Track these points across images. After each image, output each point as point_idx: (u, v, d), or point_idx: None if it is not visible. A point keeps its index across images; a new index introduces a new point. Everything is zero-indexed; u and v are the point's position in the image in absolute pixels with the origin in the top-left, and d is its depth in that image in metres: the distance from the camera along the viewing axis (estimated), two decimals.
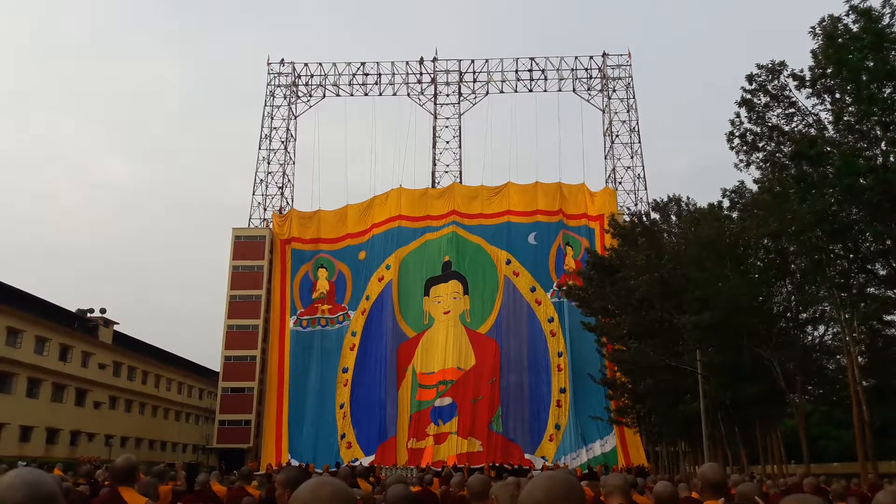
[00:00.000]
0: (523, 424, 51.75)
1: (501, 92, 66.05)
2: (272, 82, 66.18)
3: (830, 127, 19.67)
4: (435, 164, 64.45)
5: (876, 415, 25.64)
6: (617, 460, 47.04)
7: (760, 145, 21.10)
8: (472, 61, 65.81)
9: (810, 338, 29.40)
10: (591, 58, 65.26)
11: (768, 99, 20.69)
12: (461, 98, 65.79)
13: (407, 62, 65.97)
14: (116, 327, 60.88)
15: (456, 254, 57.09)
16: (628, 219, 41.40)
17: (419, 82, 66.19)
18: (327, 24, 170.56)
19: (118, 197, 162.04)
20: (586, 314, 39.38)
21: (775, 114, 20.72)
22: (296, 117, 66.74)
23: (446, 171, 63.90)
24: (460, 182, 62.13)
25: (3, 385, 45.52)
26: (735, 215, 28.49)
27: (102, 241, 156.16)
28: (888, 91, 18.00)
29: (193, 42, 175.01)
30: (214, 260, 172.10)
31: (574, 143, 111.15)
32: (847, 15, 18.42)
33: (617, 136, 62.83)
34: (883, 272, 21.73)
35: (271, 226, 60.81)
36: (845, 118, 18.77)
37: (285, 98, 66.31)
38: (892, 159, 18.14)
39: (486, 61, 65.48)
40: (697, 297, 26.28)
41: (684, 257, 28.50)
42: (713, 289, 26.02)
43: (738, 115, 21.13)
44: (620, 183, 61.17)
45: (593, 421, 45.30)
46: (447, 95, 65.94)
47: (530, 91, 65.87)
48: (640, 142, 62.52)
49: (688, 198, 33.37)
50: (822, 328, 28.71)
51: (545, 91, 65.77)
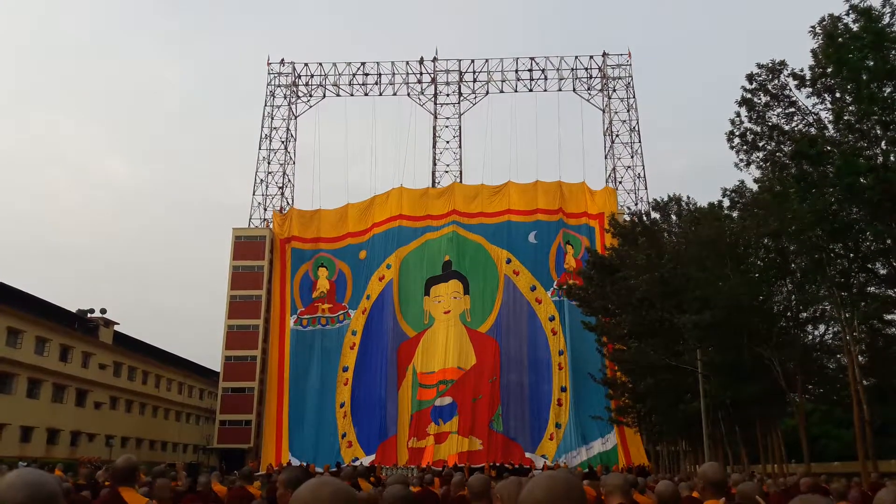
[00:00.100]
0: (524, 423, 51.74)
1: (501, 92, 66.08)
2: (272, 82, 66.21)
3: (830, 126, 19.68)
4: (435, 163, 64.48)
5: (876, 414, 25.65)
6: (617, 459, 47.02)
7: (761, 145, 21.10)
8: (472, 61, 65.86)
9: (811, 337, 29.44)
10: (591, 57, 65.27)
11: (768, 98, 20.69)
12: (461, 98, 65.81)
13: (407, 62, 66.03)
14: (117, 327, 60.92)
15: (456, 253, 57.11)
16: (628, 218, 41.41)
17: (419, 82, 66.21)
18: (327, 24, 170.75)
19: (118, 197, 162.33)
20: (587, 314, 39.38)
21: (775, 113, 20.75)
22: (296, 117, 66.76)
23: (446, 171, 63.97)
24: (460, 182, 62.13)
25: (4, 385, 45.53)
26: (735, 215, 28.52)
27: (102, 241, 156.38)
28: (888, 90, 18.00)
29: (193, 42, 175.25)
30: (214, 260, 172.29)
31: (574, 143, 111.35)
32: (847, 14, 18.43)
33: (617, 135, 62.83)
34: (883, 271, 21.73)
35: (271, 226, 60.80)
36: (845, 117, 18.77)
37: (285, 98, 66.31)
38: (892, 158, 18.15)
39: (486, 61, 65.52)
40: (698, 296, 26.29)
41: (684, 257, 28.51)
42: (713, 288, 26.04)
43: (738, 114, 21.15)
44: (620, 182, 61.19)
45: (594, 420, 45.31)
46: (447, 95, 65.99)
47: (530, 91, 65.89)
48: (640, 141, 62.52)
49: (688, 197, 33.46)
50: (822, 327, 28.76)
51: (545, 91, 65.80)
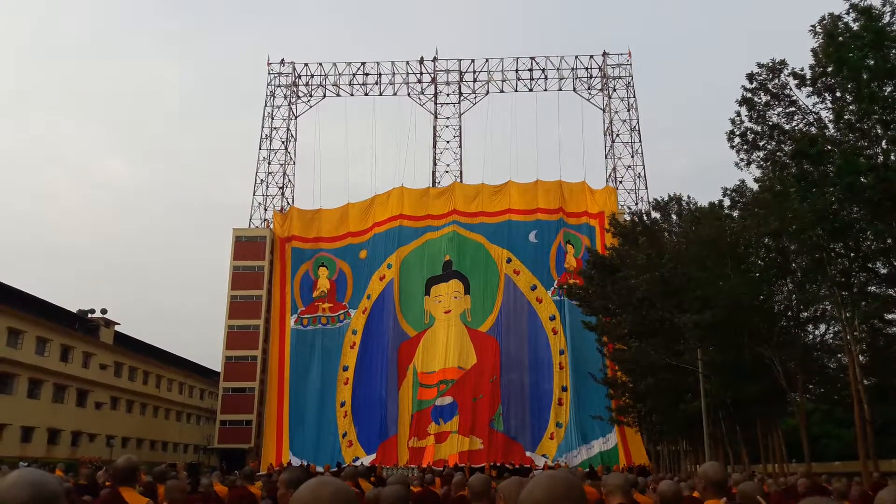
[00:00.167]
0: (524, 423, 51.79)
1: (502, 91, 66.13)
2: (272, 82, 66.24)
3: (831, 125, 19.68)
4: (435, 163, 64.51)
5: (877, 413, 25.65)
6: (618, 459, 47.08)
7: (761, 144, 21.11)
8: (473, 61, 65.94)
9: (811, 336, 29.44)
10: (591, 57, 65.29)
11: (769, 98, 20.70)
12: (461, 97, 65.83)
13: (407, 62, 66.09)
14: (117, 328, 60.94)
15: (457, 253, 57.14)
16: (629, 218, 41.41)
17: (419, 82, 66.23)
18: (327, 24, 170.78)
19: (118, 197, 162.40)
20: (587, 313, 39.39)
21: (776, 112, 20.75)
22: (296, 117, 66.79)
23: (447, 171, 64.02)
24: (461, 181, 62.15)
25: (5, 386, 45.55)
26: (736, 214, 28.52)
27: (102, 241, 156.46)
28: (888, 89, 18.00)
29: (193, 42, 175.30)
30: (215, 260, 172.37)
31: (574, 143, 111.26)
32: (847, 13, 18.44)
33: (617, 135, 62.83)
34: (884, 271, 21.74)
35: (272, 225, 60.82)
36: (846, 117, 18.77)
37: (285, 98, 66.34)
38: (892, 158, 18.15)
39: (487, 61, 65.58)
40: (698, 296, 26.30)
41: (685, 256, 28.51)
42: (714, 288, 26.04)
43: (738, 113, 21.16)
44: (621, 182, 61.20)
45: (594, 419, 45.33)
46: (447, 95, 66.03)
47: (530, 90, 65.93)
48: (640, 141, 62.57)
49: (688, 197, 33.52)
50: (823, 327, 28.76)
51: (545, 90, 65.85)
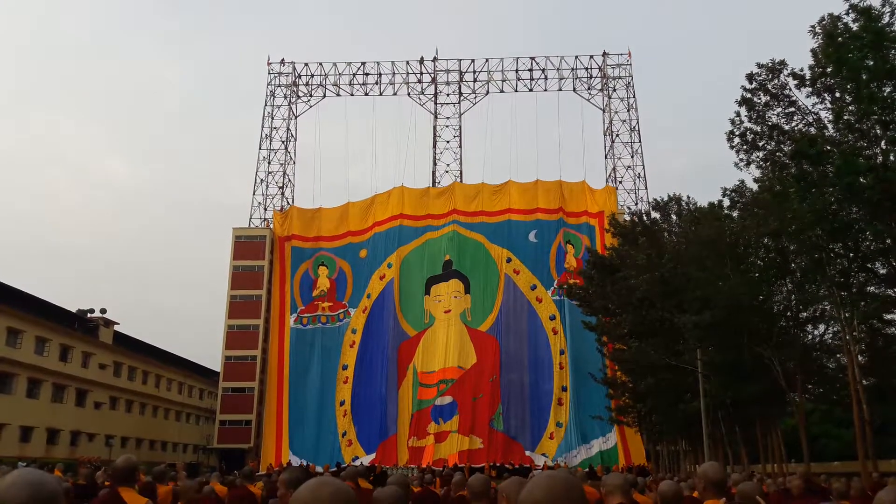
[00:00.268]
0: (524, 422, 51.76)
1: (502, 91, 66.11)
2: (272, 82, 66.22)
3: (830, 126, 19.67)
4: (435, 163, 64.50)
5: (876, 413, 25.63)
6: (618, 459, 47.08)
7: (760, 144, 21.10)
8: (473, 61, 65.90)
9: (810, 337, 29.43)
10: (591, 57, 65.27)
11: (768, 98, 20.69)
12: (461, 97, 65.81)
13: (407, 62, 66.06)
14: (117, 327, 60.92)
15: (457, 252, 57.12)
16: (629, 218, 41.40)
17: (419, 82, 66.22)
18: (327, 24, 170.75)
19: (118, 197, 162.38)
20: (587, 313, 39.38)
21: (775, 113, 20.74)
22: (296, 117, 66.76)
23: (447, 171, 64.00)
24: (461, 181, 62.14)
25: (4, 385, 45.53)
26: (735, 214, 28.50)
27: (102, 241, 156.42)
28: (888, 90, 17.99)
29: (193, 42, 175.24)
30: (214, 260, 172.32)
31: (574, 143, 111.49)
32: (847, 14, 18.42)
33: (617, 135, 62.82)
34: (883, 271, 21.73)
35: (272, 225, 60.79)
36: (845, 117, 18.76)
37: (285, 98, 66.31)
38: (892, 158, 18.13)
39: (487, 61, 65.56)
40: (698, 296, 26.29)
41: (685, 256, 28.51)
42: (713, 288, 26.03)
43: (738, 114, 21.14)
44: (621, 182, 61.19)
45: (594, 419, 45.31)
46: (447, 95, 66.00)
47: (530, 90, 65.91)
48: (640, 141, 62.55)
49: (688, 197, 33.51)
50: (822, 327, 28.74)
51: (545, 90, 65.83)
